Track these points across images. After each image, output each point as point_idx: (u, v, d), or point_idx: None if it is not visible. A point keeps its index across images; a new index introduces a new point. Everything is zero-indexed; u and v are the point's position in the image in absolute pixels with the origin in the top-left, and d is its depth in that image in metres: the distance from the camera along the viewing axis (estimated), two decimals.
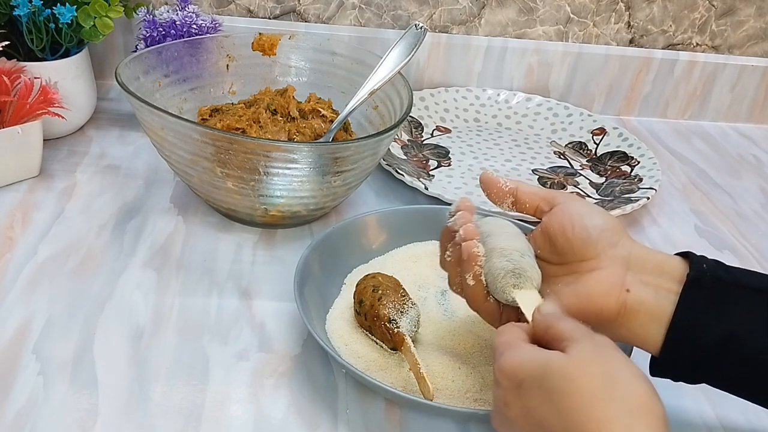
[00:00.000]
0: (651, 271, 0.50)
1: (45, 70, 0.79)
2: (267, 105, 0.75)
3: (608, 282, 0.50)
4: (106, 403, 0.52)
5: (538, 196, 0.54)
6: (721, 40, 1.07)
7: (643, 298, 0.49)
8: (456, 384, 0.55)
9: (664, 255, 0.51)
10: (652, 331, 0.49)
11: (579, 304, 0.49)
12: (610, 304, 0.49)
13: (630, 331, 0.50)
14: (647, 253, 0.51)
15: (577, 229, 0.51)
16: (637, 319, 0.49)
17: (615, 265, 0.50)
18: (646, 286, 0.49)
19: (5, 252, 0.66)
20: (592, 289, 0.50)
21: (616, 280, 0.49)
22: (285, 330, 0.61)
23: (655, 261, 0.50)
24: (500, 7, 1.01)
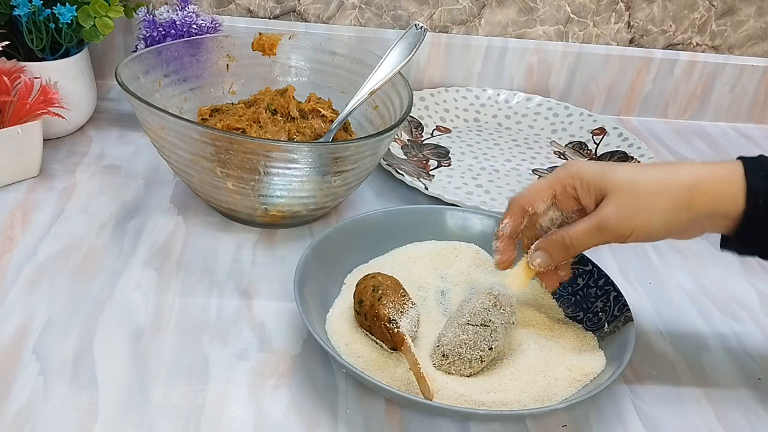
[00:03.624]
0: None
1: (45, 70, 0.79)
2: (267, 105, 0.75)
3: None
4: (106, 403, 0.52)
5: (543, 195, 0.58)
6: (721, 40, 1.07)
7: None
8: (456, 383, 0.55)
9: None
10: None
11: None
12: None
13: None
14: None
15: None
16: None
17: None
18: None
19: (5, 252, 0.66)
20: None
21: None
22: (285, 330, 0.61)
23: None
24: (500, 7, 1.01)
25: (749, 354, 0.65)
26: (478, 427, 0.54)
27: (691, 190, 0.54)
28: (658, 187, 0.54)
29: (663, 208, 0.54)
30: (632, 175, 0.55)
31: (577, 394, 0.54)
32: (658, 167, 0.56)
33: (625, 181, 0.54)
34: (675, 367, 0.62)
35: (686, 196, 0.54)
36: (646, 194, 0.54)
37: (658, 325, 0.67)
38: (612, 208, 0.54)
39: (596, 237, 0.56)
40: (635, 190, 0.54)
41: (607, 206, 0.55)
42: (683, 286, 0.72)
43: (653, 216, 0.54)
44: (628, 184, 0.54)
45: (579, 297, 0.64)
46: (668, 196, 0.54)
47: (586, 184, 0.56)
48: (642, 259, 0.76)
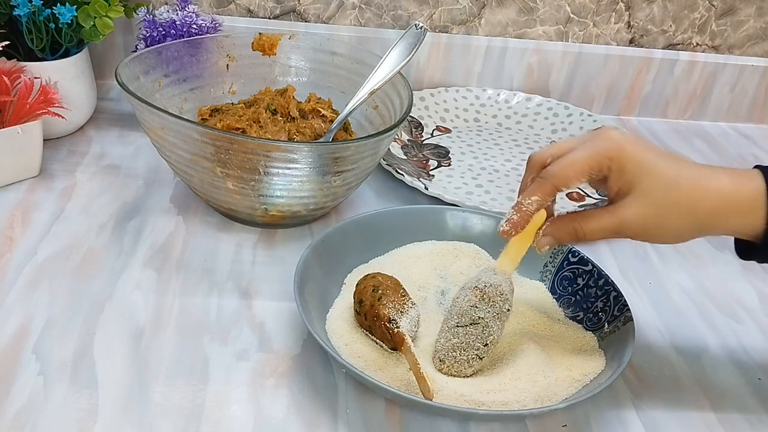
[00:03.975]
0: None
1: (45, 70, 0.79)
2: (267, 105, 0.75)
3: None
4: (106, 403, 0.52)
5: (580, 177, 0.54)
6: (721, 40, 1.07)
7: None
8: (456, 383, 0.54)
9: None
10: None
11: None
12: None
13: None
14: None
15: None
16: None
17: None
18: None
19: (5, 252, 0.66)
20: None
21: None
22: (285, 330, 0.61)
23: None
24: (500, 7, 1.01)
25: (749, 354, 0.65)
26: (478, 427, 0.54)
27: (713, 216, 0.53)
28: (684, 208, 0.53)
29: (682, 227, 0.54)
30: (667, 186, 0.52)
31: (577, 394, 0.54)
32: (691, 181, 0.53)
33: (656, 191, 0.53)
34: (675, 367, 0.62)
35: (707, 221, 0.53)
36: (670, 213, 0.53)
37: (658, 325, 0.67)
38: (635, 215, 0.53)
39: (610, 235, 0.55)
40: (662, 205, 0.53)
41: (630, 210, 0.53)
42: (683, 286, 0.72)
43: (670, 232, 0.54)
44: (658, 197, 0.53)
45: (579, 297, 0.64)
46: (691, 218, 0.53)
47: (621, 171, 0.53)
48: (642, 259, 0.76)
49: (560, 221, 0.56)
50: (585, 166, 0.53)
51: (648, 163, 0.53)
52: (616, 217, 0.54)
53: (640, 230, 0.54)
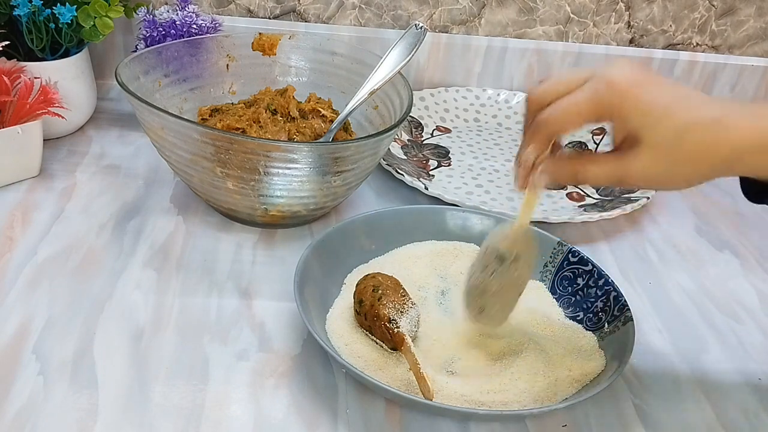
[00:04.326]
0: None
1: (45, 70, 0.79)
2: (267, 105, 0.75)
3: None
4: (106, 403, 0.52)
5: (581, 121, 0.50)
6: (721, 40, 1.07)
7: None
8: (456, 383, 0.55)
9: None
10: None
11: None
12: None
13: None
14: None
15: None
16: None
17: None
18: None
19: (5, 252, 0.66)
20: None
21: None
22: (285, 330, 0.61)
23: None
24: (500, 7, 1.01)
25: (749, 354, 0.65)
26: (478, 427, 0.54)
27: (732, 161, 0.48)
28: (700, 155, 0.47)
29: (693, 175, 0.49)
30: (677, 134, 0.47)
31: (577, 394, 0.54)
32: (707, 122, 0.47)
33: (666, 140, 0.48)
34: (675, 367, 0.62)
35: (725, 166, 0.48)
36: (683, 160, 0.48)
37: (658, 325, 0.67)
38: (642, 168, 0.49)
39: (612, 184, 0.52)
40: (673, 154, 0.48)
41: (638, 163, 0.49)
42: (683, 286, 0.72)
43: (681, 179, 0.50)
44: (669, 145, 0.48)
45: (579, 297, 0.64)
46: (706, 166, 0.48)
47: (625, 120, 0.49)
48: (642, 259, 0.76)
49: (561, 161, 0.53)
50: (581, 114, 0.49)
51: (656, 110, 0.48)
52: (621, 167, 0.50)
53: (647, 182, 0.51)
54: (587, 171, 0.51)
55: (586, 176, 0.51)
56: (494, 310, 0.57)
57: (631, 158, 0.49)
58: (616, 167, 0.50)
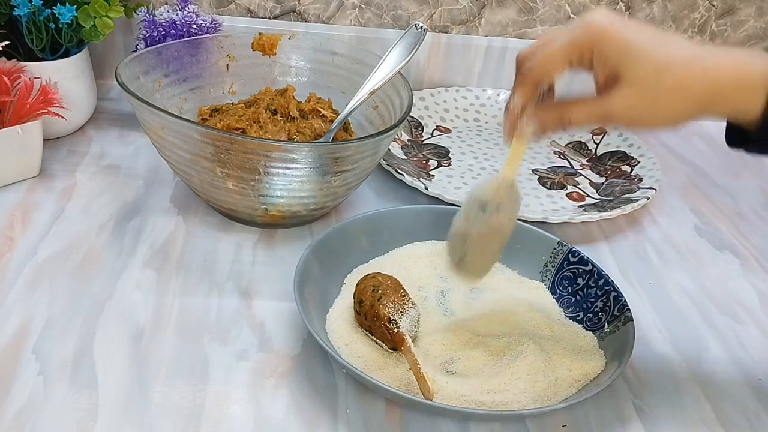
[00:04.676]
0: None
1: (45, 70, 0.79)
2: (267, 105, 0.75)
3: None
4: (106, 403, 0.52)
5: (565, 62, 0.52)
6: (721, 40, 1.07)
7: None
8: (456, 383, 0.55)
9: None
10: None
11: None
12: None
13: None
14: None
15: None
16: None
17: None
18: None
19: (5, 252, 0.66)
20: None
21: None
22: (285, 330, 0.61)
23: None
24: (500, 7, 1.01)
25: (749, 354, 0.65)
26: (478, 427, 0.54)
27: (712, 96, 0.49)
28: (680, 92, 0.49)
29: (678, 111, 0.50)
30: (657, 69, 0.48)
31: (577, 394, 0.54)
32: (686, 61, 0.49)
33: (646, 76, 0.49)
34: (675, 367, 0.62)
35: (706, 102, 0.49)
36: (664, 94, 0.49)
37: (658, 325, 0.67)
38: (623, 105, 0.50)
39: (597, 123, 0.54)
40: (654, 88, 0.49)
41: (618, 100, 0.50)
42: (683, 286, 0.72)
43: (665, 118, 0.51)
44: (648, 80, 0.49)
45: (579, 297, 0.64)
46: (688, 102, 0.49)
47: (604, 60, 0.50)
48: (642, 259, 0.76)
49: (546, 108, 0.54)
50: (563, 56, 0.51)
51: (634, 47, 0.49)
52: (603, 106, 0.51)
53: (630, 120, 0.51)
54: (571, 113, 0.53)
55: (570, 118, 0.53)
56: (474, 259, 0.57)
57: (612, 96, 0.50)
58: (599, 106, 0.51)
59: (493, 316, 0.61)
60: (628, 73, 0.49)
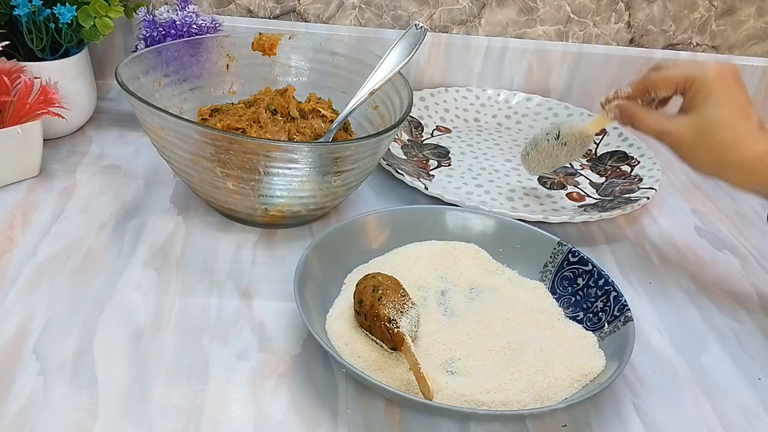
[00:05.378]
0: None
1: (45, 70, 0.79)
2: (267, 105, 0.75)
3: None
4: (106, 403, 0.52)
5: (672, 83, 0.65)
6: (721, 40, 1.07)
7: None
8: (456, 383, 0.55)
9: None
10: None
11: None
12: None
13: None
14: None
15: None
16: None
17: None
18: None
19: (5, 252, 0.66)
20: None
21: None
22: (285, 330, 0.61)
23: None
24: (500, 7, 1.01)
25: (749, 354, 0.65)
26: (478, 427, 0.54)
27: (736, 168, 0.62)
28: (716, 149, 0.62)
29: (706, 162, 0.64)
30: (714, 125, 0.62)
31: (577, 394, 0.54)
32: (735, 132, 0.62)
33: (704, 124, 0.62)
34: (675, 367, 0.62)
35: (729, 169, 0.63)
36: (704, 147, 0.63)
37: (658, 325, 0.67)
38: (679, 131, 0.64)
39: (656, 136, 0.66)
40: (702, 137, 0.62)
41: (679, 126, 0.64)
42: (683, 286, 0.72)
43: (696, 161, 0.64)
44: (703, 129, 0.62)
45: (579, 297, 0.64)
46: (716, 159, 0.62)
47: (695, 93, 0.63)
48: (642, 259, 0.76)
49: (631, 103, 0.68)
50: (674, 81, 0.64)
51: (715, 100, 0.62)
52: (666, 125, 0.64)
53: (678, 145, 0.64)
54: (642, 118, 0.66)
55: (639, 122, 0.67)
56: (533, 161, 0.79)
57: (678, 120, 0.64)
58: (664, 123, 0.65)
59: (493, 316, 0.61)
60: (699, 112, 0.63)
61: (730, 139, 0.62)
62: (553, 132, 0.76)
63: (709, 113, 0.62)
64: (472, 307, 0.63)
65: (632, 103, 0.68)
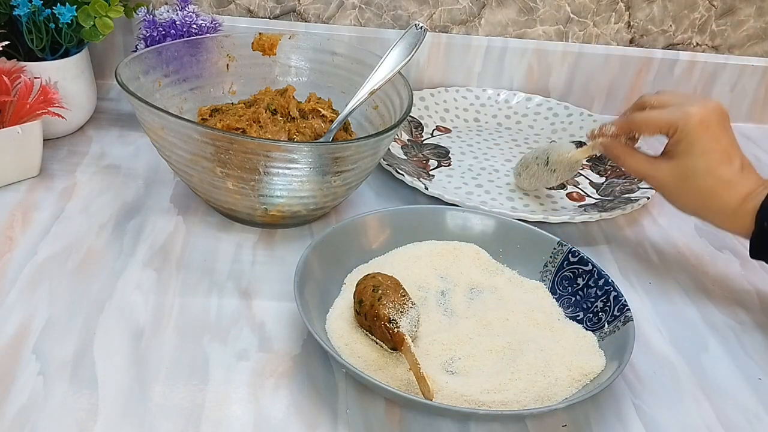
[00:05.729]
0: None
1: (45, 70, 0.79)
2: (267, 105, 0.75)
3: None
4: (106, 403, 0.52)
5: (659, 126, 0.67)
6: (721, 40, 1.07)
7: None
8: (456, 383, 0.55)
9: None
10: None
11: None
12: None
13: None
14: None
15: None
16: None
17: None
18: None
19: (5, 252, 0.66)
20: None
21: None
22: (285, 330, 0.61)
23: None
24: (500, 7, 1.01)
25: (749, 354, 0.65)
26: (478, 427, 0.54)
27: (714, 214, 0.66)
28: (697, 196, 0.65)
29: (688, 205, 0.67)
30: (695, 173, 0.64)
31: (577, 394, 0.54)
32: (715, 181, 0.64)
33: (686, 171, 0.64)
34: (675, 367, 0.62)
35: (709, 214, 0.66)
36: (686, 192, 0.65)
37: (658, 325, 0.67)
38: (663, 176, 0.66)
39: (640, 177, 0.69)
40: (684, 182, 0.65)
41: (663, 171, 0.66)
42: (683, 286, 0.72)
43: (679, 203, 0.67)
44: (685, 176, 0.64)
45: (579, 297, 0.64)
46: (698, 204, 0.66)
47: (678, 140, 0.64)
48: (642, 259, 0.76)
49: (616, 144, 0.70)
50: (657, 127, 0.66)
51: (697, 147, 0.63)
52: (650, 168, 0.67)
53: (660, 188, 0.67)
54: (626, 158, 0.69)
55: (623, 162, 0.69)
56: (525, 182, 0.82)
57: (662, 165, 0.67)
58: (648, 167, 0.68)
59: (493, 316, 0.61)
60: (681, 159, 0.65)
61: (711, 186, 0.64)
62: (542, 157, 0.78)
63: (692, 162, 0.64)
64: (472, 307, 0.63)
65: (617, 143, 0.70)
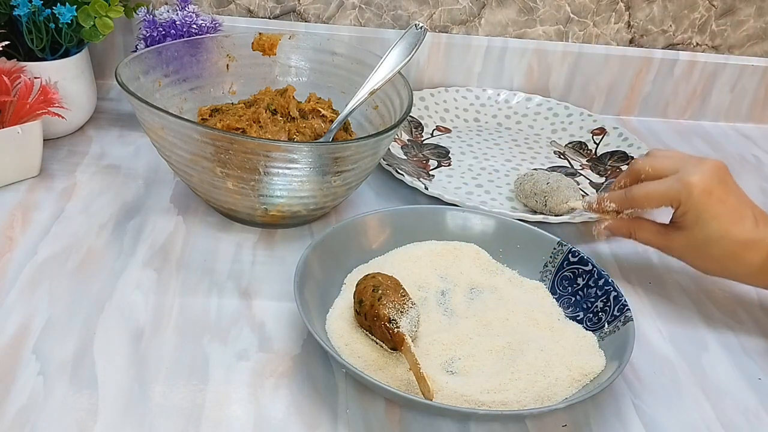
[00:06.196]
0: None
1: (45, 70, 0.79)
2: (267, 105, 0.75)
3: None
4: (106, 403, 0.52)
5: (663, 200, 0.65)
6: (721, 40, 1.07)
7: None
8: (456, 383, 0.55)
9: None
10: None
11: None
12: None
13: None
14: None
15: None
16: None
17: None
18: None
19: (5, 252, 0.66)
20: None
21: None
22: (285, 330, 0.61)
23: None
24: (500, 7, 1.01)
25: (749, 354, 0.65)
26: (478, 427, 0.54)
27: (737, 276, 0.65)
28: (716, 261, 0.64)
29: (710, 270, 0.66)
30: (709, 242, 0.63)
31: (577, 394, 0.54)
32: (731, 247, 0.62)
33: (700, 241, 0.63)
34: (675, 367, 0.62)
35: (732, 275, 0.65)
36: (704, 259, 0.65)
37: (658, 325, 0.67)
38: (678, 246, 0.65)
39: (655, 247, 0.68)
40: (700, 250, 0.64)
41: (677, 242, 0.65)
42: (683, 286, 0.72)
43: (702, 268, 0.66)
44: (700, 245, 0.63)
45: (579, 297, 0.64)
46: (718, 268, 0.65)
47: (685, 211, 0.63)
48: (642, 259, 0.76)
49: (621, 222, 0.68)
50: (659, 202, 0.64)
51: (705, 215, 0.62)
52: (665, 241, 0.66)
53: (680, 258, 0.67)
54: (639, 232, 0.68)
55: (637, 236, 0.68)
56: (521, 204, 0.81)
57: (675, 236, 0.65)
58: (662, 238, 0.66)
59: (493, 316, 0.61)
60: (692, 230, 0.63)
61: (730, 250, 0.62)
62: (541, 198, 0.77)
63: (704, 231, 0.62)
64: (472, 307, 0.63)
65: (622, 223, 0.68)
